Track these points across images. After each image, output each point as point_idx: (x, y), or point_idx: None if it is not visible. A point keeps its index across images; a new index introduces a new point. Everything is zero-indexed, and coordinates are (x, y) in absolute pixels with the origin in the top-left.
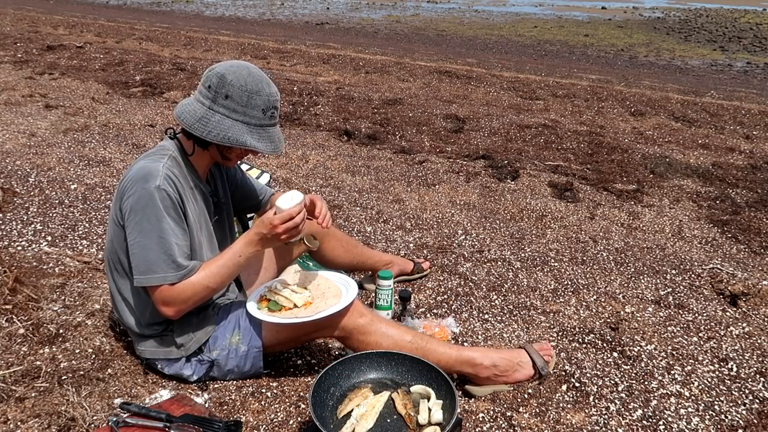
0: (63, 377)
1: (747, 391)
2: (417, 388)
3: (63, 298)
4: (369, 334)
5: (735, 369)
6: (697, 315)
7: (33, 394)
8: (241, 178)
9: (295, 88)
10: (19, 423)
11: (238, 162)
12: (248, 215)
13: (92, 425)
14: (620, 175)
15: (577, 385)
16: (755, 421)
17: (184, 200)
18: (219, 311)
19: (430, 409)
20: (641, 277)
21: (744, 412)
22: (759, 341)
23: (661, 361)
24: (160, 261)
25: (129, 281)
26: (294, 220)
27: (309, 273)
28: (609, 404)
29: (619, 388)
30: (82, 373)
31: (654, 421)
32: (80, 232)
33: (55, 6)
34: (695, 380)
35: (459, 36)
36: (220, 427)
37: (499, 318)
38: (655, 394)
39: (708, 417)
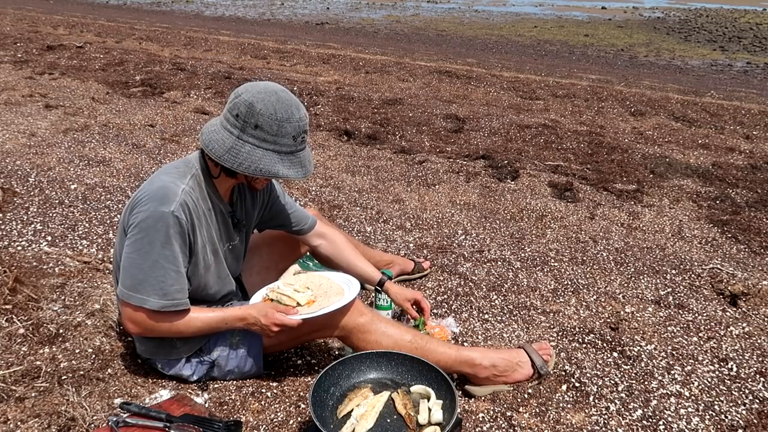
0: (63, 377)
1: (747, 391)
2: (417, 388)
3: (63, 298)
4: (369, 333)
5: (735, 369)
6: (697, 315)
7: (33, 394)
8: (276, 198)
9: (295, 88)
10: (19, 423)
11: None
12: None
13: (92, 425)
14: (620, 175)
15: (577, 385)
16: (755, 421)
17: (195, 227)
18: None
19: (430, 409)
20: (641, 277)
21: (744, 412)
22: (759, 341)
23: (661, 361)
24: (147, 285)
25: None
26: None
27: (310, 273)
28: (609, 404)
29: (619, 388)
30: (82, 373)
31: (654, 421)
32: (80, 232)
33: (55, 6)
34: (695, 380)
35: (459, 36)
36: (220, 427)
37: (499, 318)
38: (655, 394)
39: (708, 417)
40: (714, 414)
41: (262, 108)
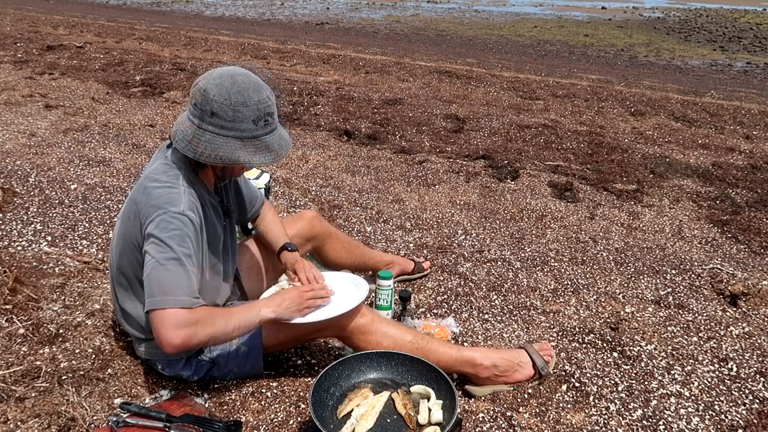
0: (63, 377)
1: (747, 391)
2: (417, 388)
3: (63, 298)
4: (370, 334)
5: (735, 369)
6: (697, 315)
7: (33, 394)
8: (237, 185)
9: (295, 88)
10: (19, 423)
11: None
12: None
13: (92, 425)
14: (620, 175)
15: (577, 385)
16: (755, 421)
17: (203, 223)
18: None
19: (430, 409)
20: (641, 277)
21: (744, 412)
22: (759, 341)
23: (661, 361)
24: (176, 286)
25: (135, 299)
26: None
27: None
28: (609, 404)
29: (619, 388)
30: (82, 373)
31: (654, 421)
32: (80, 232)
33: (55, 6)
34: (695, 380)
35: (459, 36)
36: (220, 427)
37: (499, 318)
38: (655, 394)
39: (708, 417)
40: (714, 414)
41: (216, 94)
